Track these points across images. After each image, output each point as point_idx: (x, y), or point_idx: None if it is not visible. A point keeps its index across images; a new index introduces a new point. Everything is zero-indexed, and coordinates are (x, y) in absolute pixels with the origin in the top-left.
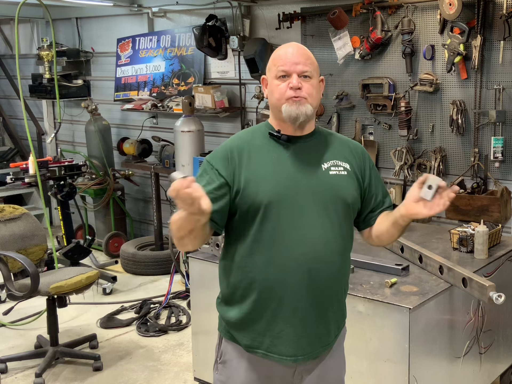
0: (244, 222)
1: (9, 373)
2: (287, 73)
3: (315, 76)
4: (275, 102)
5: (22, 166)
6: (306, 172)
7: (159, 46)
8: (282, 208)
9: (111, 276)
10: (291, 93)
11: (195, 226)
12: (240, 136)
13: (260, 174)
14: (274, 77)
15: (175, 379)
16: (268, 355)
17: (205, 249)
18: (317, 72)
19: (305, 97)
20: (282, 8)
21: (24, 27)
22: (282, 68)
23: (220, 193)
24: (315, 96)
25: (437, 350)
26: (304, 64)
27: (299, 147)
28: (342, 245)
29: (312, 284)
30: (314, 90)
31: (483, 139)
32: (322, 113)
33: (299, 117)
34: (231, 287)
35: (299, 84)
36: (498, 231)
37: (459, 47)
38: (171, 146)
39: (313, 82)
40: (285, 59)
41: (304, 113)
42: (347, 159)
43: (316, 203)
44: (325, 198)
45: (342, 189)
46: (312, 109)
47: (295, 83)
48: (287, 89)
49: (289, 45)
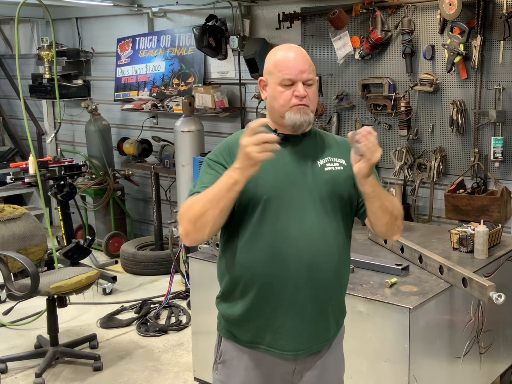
0: (243, 217)
1: (9, 373)
2: (293, 82)
3: (315, 81)
4: (279, 108)
5: (22, 166)
6: (303, 169)
7: (159, 46)
8: (281, 203)
9: (111, 276)
10: (296, 101)
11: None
12: (238, 135)
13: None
14: (277, 83)
15: (175, 379)
16: (269, 350)
17: (205, 249)
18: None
19: (309, 104)
20: (282, 8)
21: (24, 27)
22: (288, 77)
23: None
24: (316, 101)
25: (437, 350)
26: (309, 72)
27: (296, 145)
28: (341, 239)
29: (312, 278)
30: (315, 95)
31: (483, 139)
32: (322, 113)
33: (303, 125)
34: (231, 283)
35: (305, 93)
36: (498, 231)
37: (459, 47)
38: (171, 146)
39: (314, 88)
40: (290, 67)
41: (308, 121)
42: (343, 155)
43: (313, 199)
44: (322, 193)
45: (338, 184)
46: (313, 116)
47: (302, 92)
48: (292, 97)
49: (289, 49)
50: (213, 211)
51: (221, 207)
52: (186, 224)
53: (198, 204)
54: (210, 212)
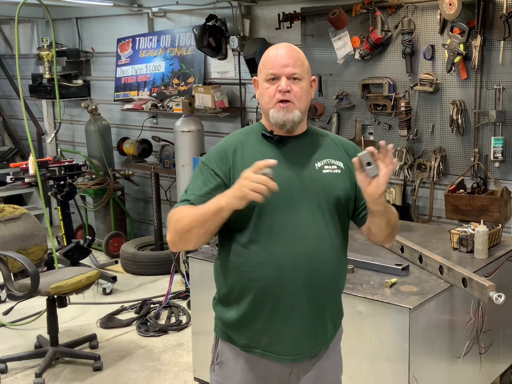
0: (239, 221)
1: (9, 373)
2: (276, 76)
3: (305, 77)
4: (264, 105)
5: (22, 166)
6: (299, 171)
7: (159, 46)
8: (277, 207)
9: (111, 276)
10: (280, 96)
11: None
12: (234, 137)
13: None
14: (264, 79)
15: (175, 379)
16: (265, 354)
17: (205, 249)
18: (308, 73)
19: (294, 101)
20: (282, 8)
21: (24, 27)
22: (271, 71)
23: (217, 193)
24: (304, 99)
25: (437, 350)
26: (293, 66)
27: (292, 147)
28: (337, 243)
29: (308, 282)
30: (304, 92)
31: (483, 139)
32: (322, 113)
33: (286, 124)
34: (228, 287)
35: (288, 87)
36: (498, 231)
37: (459, 47)
38: (171, 146)
39: (303, 85)
40: (274, 61)
41: (291, 120)
42: (340, 157)
43: (310, 202)
44: (319, 196)
45: (336, 187)
46: (300, 115)
47: (283, 86)
48: (276, 92)
49: (278, 46)
50: (198, 230)
51: (206, 228)
52: (173, 235)
53: (184, 220)
54: (195, 230)
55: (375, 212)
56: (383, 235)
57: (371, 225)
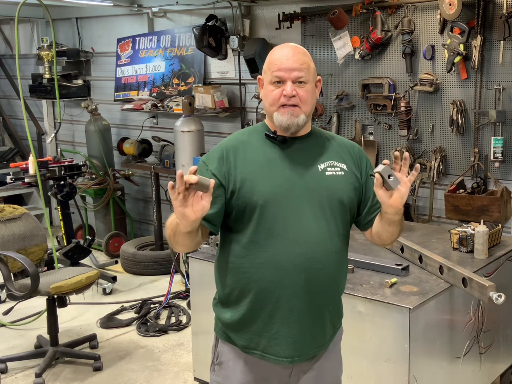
0: (240, 222)
1: (9, 373)
2: (282, 79)
3: (310, 80)
4: (268, 107)
5: (22, 166)
6: (302, 172)
7: (159, 46)
8: (278, 208)
9: (111, 276)
10: (284, 100)
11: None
12: (236, 137)
13: (256, 174)
14: (268, 82)
15: (175, 379)
16: (264, 356)
17: (205, 249)
18: (313, 75)
19: (299, 105)
20: (282, 8)
21: (24, 27)
22: (277, 74)
23: (215, 194)
24: (310, 102)
25: (437, 350)
26: (300, 70)
27: (295, 148)
28: (339, 245)
29: (308, 284)
30: (309, 95)
31: (483, 139)
32: (322, 113)
33: (291, 128)
34: (227, 288)
35: (293, 92)
36: (498, 231)
37: (459, 47)
38: (171, 146)
39: (308, 88)
40: (280, 64)
41: (296, 124)
42: (344, 160)
43: (312, 204)
44: (321, 198)
45: (339, 190)
46: (305, 118)
47: (289, 91)
48: (280, 96)
49: (284, 46)
50: (178, 236)
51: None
52: (167, 237)
53: (169, 227)
54: (177, 236)
55: (394, 222)
56: (392, 240)
57: (383, 232)
